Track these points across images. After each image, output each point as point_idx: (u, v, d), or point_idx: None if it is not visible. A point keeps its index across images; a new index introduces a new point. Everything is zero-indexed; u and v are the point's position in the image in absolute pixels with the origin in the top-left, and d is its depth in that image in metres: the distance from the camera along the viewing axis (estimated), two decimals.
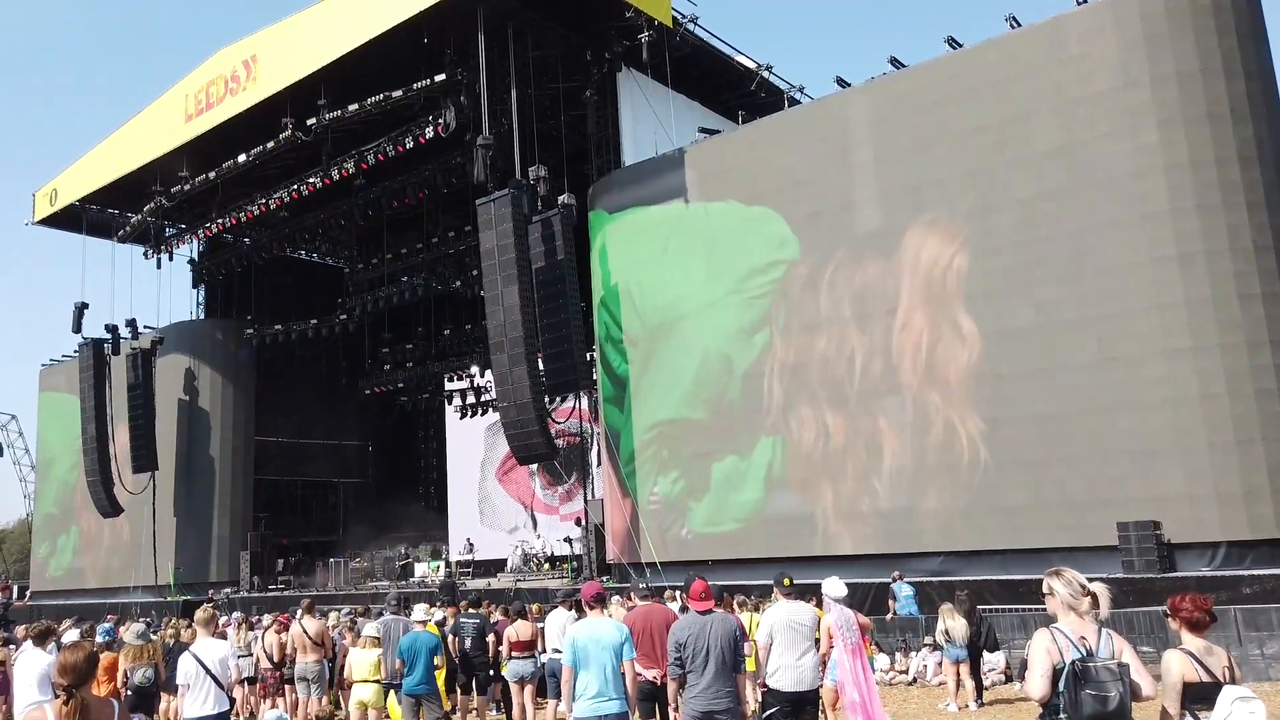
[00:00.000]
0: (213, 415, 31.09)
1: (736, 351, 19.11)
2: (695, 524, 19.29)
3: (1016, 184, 16.15)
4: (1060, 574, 4.40)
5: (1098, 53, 15.63)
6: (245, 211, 27.04)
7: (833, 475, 17.66)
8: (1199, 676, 4.38)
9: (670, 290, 20.14)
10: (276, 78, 23.94)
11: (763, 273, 18.92)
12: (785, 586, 7.30)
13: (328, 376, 33.56)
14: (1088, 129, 15.55)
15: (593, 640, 6.23)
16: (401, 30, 20.90)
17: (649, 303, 20.52)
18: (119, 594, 30.26)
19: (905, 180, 17.40)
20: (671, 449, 19.88)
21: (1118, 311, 15.00)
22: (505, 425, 19.62)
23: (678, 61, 21.57)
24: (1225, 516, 14.06)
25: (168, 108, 27.50)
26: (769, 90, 23.52)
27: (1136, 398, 14.71)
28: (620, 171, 21.66)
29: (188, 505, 30.32)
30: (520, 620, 11.03)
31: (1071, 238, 15.50)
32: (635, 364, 20.65)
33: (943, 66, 17.49)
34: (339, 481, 35.34)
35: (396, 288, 29.82)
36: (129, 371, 29.40)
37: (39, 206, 32.20)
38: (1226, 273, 14.45)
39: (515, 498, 33.14)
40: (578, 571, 22.51)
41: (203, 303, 33.41)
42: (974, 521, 16.03)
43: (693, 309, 19.76)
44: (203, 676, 7.29)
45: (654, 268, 20.48)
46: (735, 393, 19.01)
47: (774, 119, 20.11)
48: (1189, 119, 14.89)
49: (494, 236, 18.99)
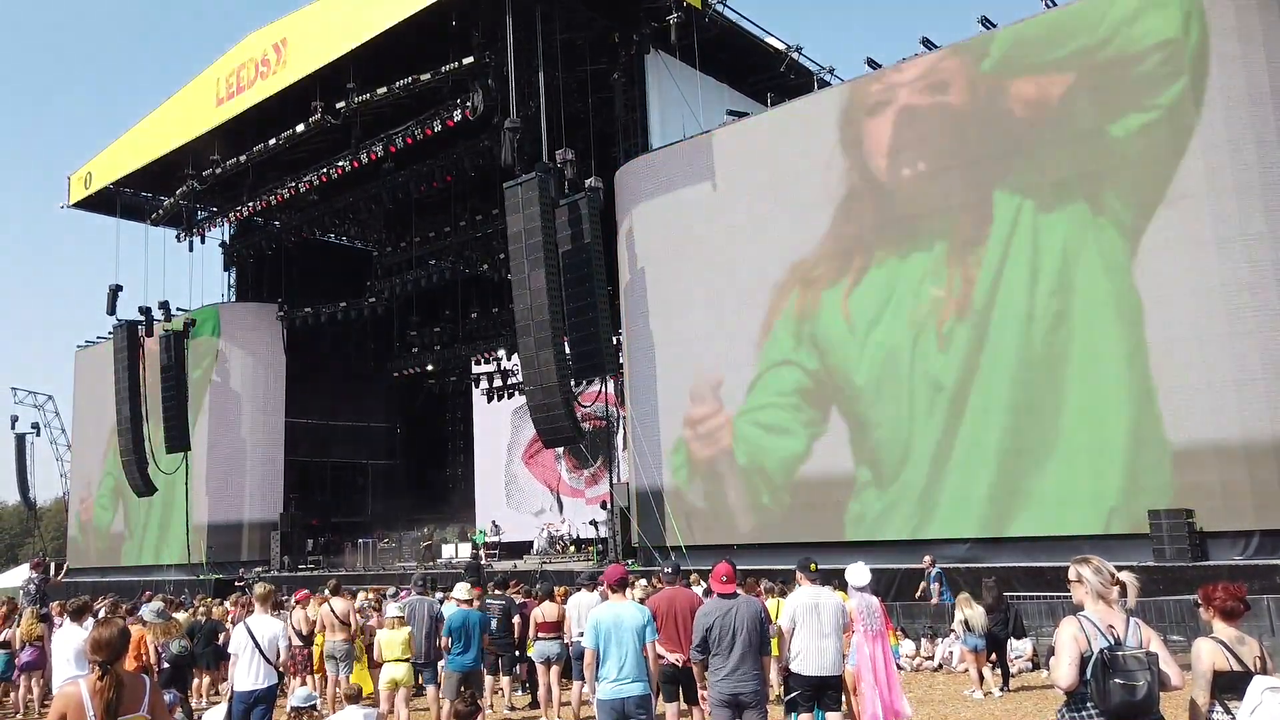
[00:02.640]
0: (243, 397, 31.49)
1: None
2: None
3: (1054, 165, 15.91)
4: (1089, 561, 4.35)
5: (1136, 32, 15.33)
6: (275, 195, 27.25)
7: (869, 461, 17.58)
8: (1230, 665, 4.32)
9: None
10: (306, 61, 24.05)
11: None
12: (810, 572, 7.29)
13: (356, 359, 33.84)
14: (1124, 108, 15.28)
15: (615, 623, 6.26)
16: (430, 13, 20.91)
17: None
18: (153, 572, 30.81)
19: (939, 162, 17.20)
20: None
21: (1152, 297, 14.78)
22: (531, 409, 19.69)
23: (706, 43, 21.42)
24: (1259, 505, 13.84)
25: (199, 91, 27.74)
26: (799, 72, 23.31)
27: (1169, 383, 14.50)
28: (648, 155, 21.58)
29: (220, 485, 30.76)
30: (548, 601, 11.12)
31: (1112, 220, 15.25)
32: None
33: (977, 46, 17.23)
34: (367, 463, 35.70)
35: (424, 271, 29.98)
36: (162, 353, 29.80)
37: (74, 190, 32.65)
38: (1264, 258, 14.16)
39: (541, 481, 33.32)
40: (603, 554, 22.62)
41: (234, 285, 33.77)
42: (1002, 507, 15.91)
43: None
44: (252, 649, 7.47)
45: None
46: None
47: (802, 101, 19.92)
48: (1230, 100, 14.58)
49: (521, 220, 19.00)
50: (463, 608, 9.96)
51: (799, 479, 18.32)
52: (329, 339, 32.54)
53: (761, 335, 19.20)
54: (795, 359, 18.66)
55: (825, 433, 18.06)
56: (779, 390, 18.82)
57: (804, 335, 18.58)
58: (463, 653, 9.54)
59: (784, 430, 18.65)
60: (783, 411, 18.73)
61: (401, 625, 10.05)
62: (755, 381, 19.18)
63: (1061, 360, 15.52)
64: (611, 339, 21.09)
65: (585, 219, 19.73)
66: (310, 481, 33.14)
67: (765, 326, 19.15)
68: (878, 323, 17.65)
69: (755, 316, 19.26)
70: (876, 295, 17.70)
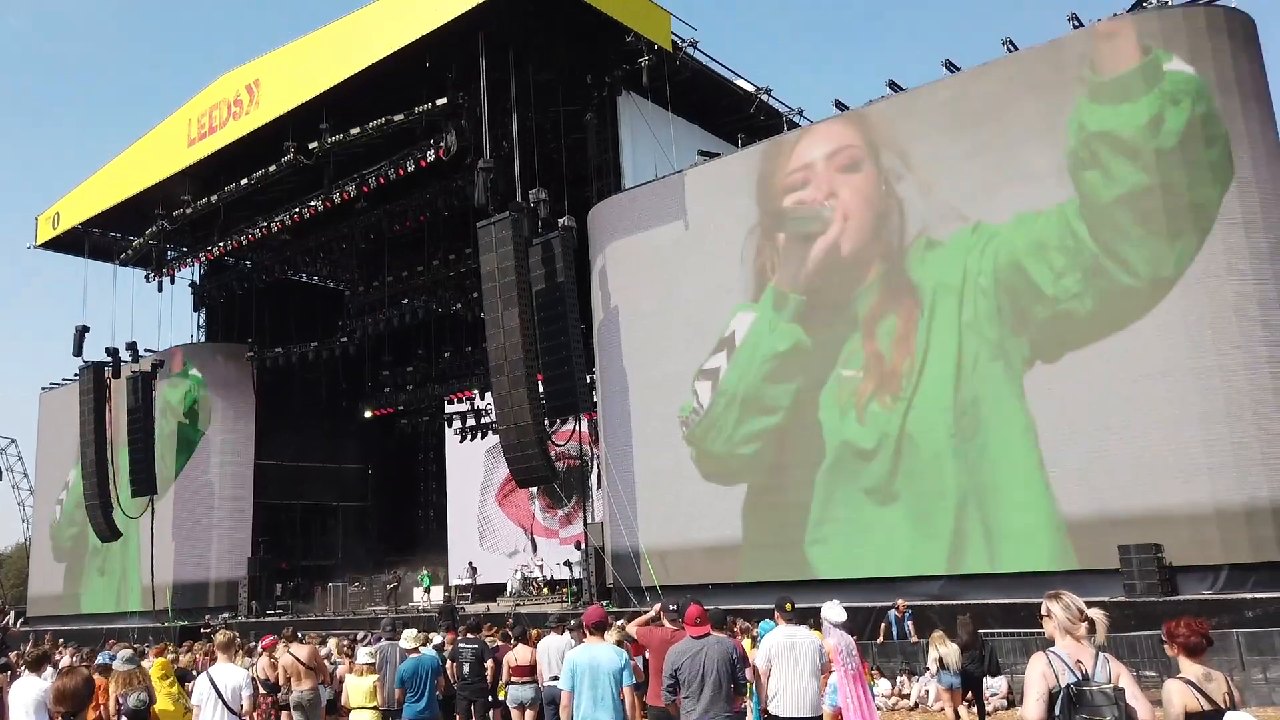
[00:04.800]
0: (212, 439, 31.05)
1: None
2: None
3: (1016, 205, 16.20)
4: (1059, 597, 4.37)
5: (1096, 76, 15.73)
6: (247, 234, 27.14)
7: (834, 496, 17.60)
8: (1200, 705, 4.34)
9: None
10: (279, 101, 24.10)
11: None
12: (787, 611, 7.25)
13: (328, 399, 33.44)
14: (1088, 150, 15.62)
15: (591, 666, 6.20)
16: (403, 54, 21.07)
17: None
18: (115, 620, 30.08)
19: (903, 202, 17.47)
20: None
21: (1119, 331, 15.01)
22: (505, 448, 19.57)
23: (677, 85, 21.71)
24: (1226, 539, 14.00)
25: (171, 132, 27.68)
26: (768, 113, 23.66)
27: (1138, 418, 14.69)
28: (620, 194, 21.76)
29: (186, 530, 30.19)
30: (520, 645, 10.94)
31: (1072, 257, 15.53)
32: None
33: (940, 90, 17.60)
34: (338, 505, 35.23)
35: (397, 310, 29.88)
36: (129, 395, 29.38)
37: (41, 230, 32.35)
38: (1224, 291, 14.47)
39: (515, 521, 33.01)
40: (577, 596, 22.39)
41: (203, 325, 33.46)
42: (975, 544, 15.96)
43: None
44: (215, 700, 7.29)
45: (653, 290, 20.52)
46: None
47: (772, 142, 20.20)
48: (1186, 139, 14.97)
49: (494, 259, 19.04)
50: (411, 655, 9.70)
51: (764, 519, 18.29)
52: (300, 379, 32.19)
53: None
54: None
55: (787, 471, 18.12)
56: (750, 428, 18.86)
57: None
58: (415, 700, 9.27)
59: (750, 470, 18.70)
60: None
61: (370, 672, 9.82)
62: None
63: (1031, 393, 15.68)
64: (585, 377, 21.06)
65: (559, 258, 19.81)
66: (280, 524, 32.61)
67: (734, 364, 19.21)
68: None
69: (725, 355, 19.33)
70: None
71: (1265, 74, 15.83)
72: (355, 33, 22.47)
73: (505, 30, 20.40)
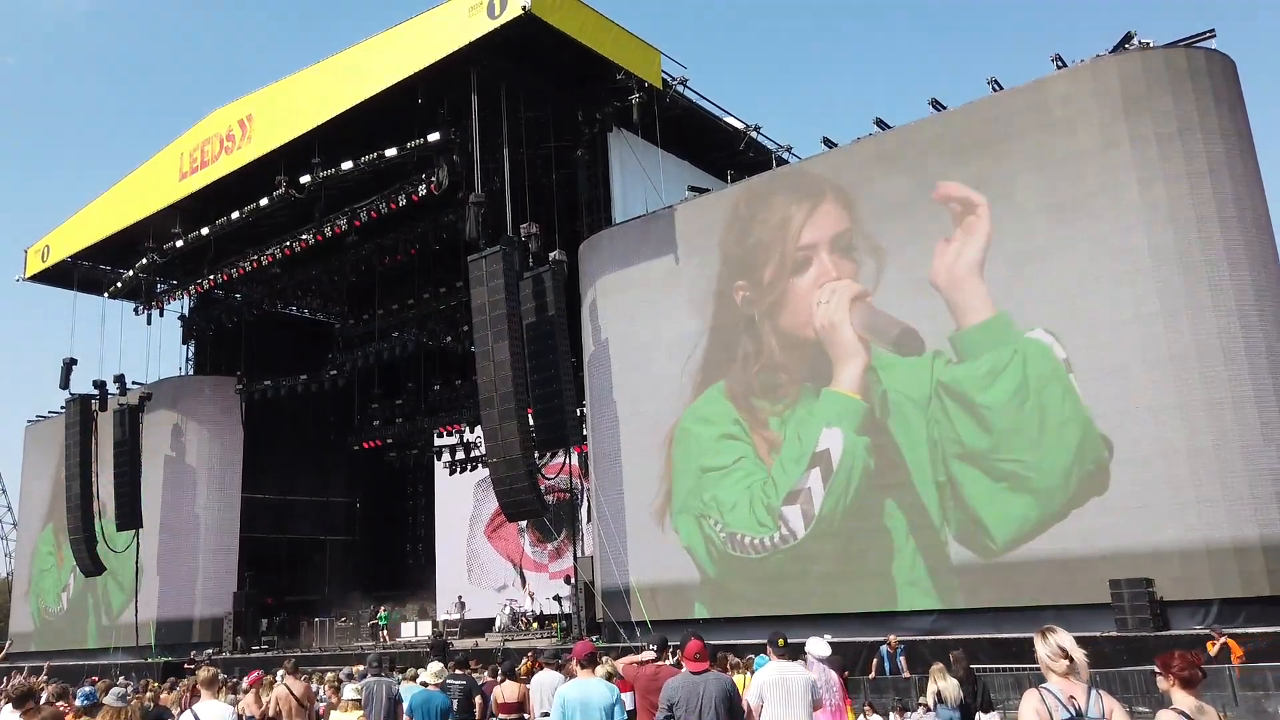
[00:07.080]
0: (199, 472, 30.80)
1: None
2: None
3: (1003, 242, 16.37)
4: (1043, 635, 4.37)
5: (1079, 115, 15.98)
6: (237, 267, 27.14)
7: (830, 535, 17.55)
8: None
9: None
10: (271, 136, 24.21)
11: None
12: (779, 647, 7.20)
13: (316, 432, 33.28)
14: (1072, 187, 15.83)
15: (583, 702, 6.14)
16: (396, 90, 21.25)
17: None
18: (97, 655, 29.64)
19: (890, 239, 17.63)
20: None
21: (1106, 366, 15.11)
22: (495, 481, 19.49)
23: (667, 122, 21.94)
24: (1216, 573, 14.02)
25: (162, 166, 27.75)
26: (757, 150, 23.90)
27: (1126, 453, 14.75)
28: (611, 229, 21.89)
29: (171, 564, 29.85)
30: (508, 681, 10.82)
31: (1060, 293, 15.67)
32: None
33: (928, 128, 17.84)
34: (326, 539, 34.91)
35: (387, 343, 29.80)
36: (116, 428, 29.17)
37: (31, 262, 32.28)
38: (1210, 329, 14.61)
39: (504, 555, 32.78)
40: (567, 631, 22.20)
41: (192, 358, 33.28)
42: (966, 579, 15.92)
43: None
44: None
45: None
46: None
47: (761, 178, 20.39)
48: (1169, 177, 15.19)
49: (485, 292, 19.08)
50: (425, 689, 9.60)
51: (759, 554, 18.22)
52: (288, 412, 32.01)
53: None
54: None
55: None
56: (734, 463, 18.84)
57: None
58: None
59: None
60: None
61: (355, 708, 9.69)
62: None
63: (1020, 429, 15.73)
64: (575, 410, 21.05)
65: (549, 291, 19.87)
66: (266, 558, 32.26)
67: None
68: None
69: (717, 389, 19.36)
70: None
71: (1245, 113, 16.11)
72: (348, 69, 22.65)
73: (497, 67, 20.61)
